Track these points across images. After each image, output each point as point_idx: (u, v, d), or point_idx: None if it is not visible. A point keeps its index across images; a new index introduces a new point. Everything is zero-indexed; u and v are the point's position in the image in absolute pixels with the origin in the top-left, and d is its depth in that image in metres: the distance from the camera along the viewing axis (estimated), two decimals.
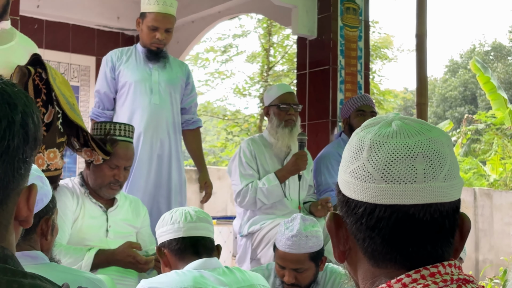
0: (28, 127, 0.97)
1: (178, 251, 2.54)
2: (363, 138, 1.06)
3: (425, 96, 4.86)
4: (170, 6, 4.17)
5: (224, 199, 8.46)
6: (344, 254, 1.09)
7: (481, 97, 29.16)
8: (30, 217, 1.01)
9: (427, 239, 1.03)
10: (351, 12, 5.44)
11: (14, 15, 3.98)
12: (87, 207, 3.36)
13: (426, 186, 1.02)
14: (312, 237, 3.07)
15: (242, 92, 14.17)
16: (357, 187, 1.04)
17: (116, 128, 3.42)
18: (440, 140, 1.05)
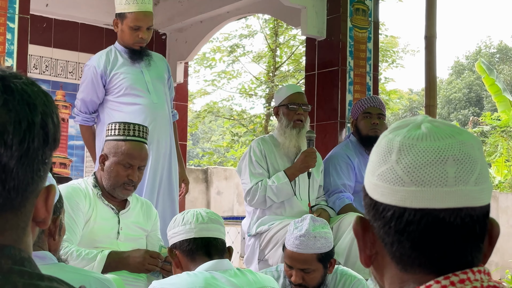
0: (48, 128, 0.96)
1: (189, 252, 2.54)
2: (391, 141, 1.04)
3: (434, 98, 4.84)
4: (148, 4, 4.14)
5: (230, 199, 8.47)
6: (370, 258, 1.08)
7: (487, 99, 29.12)
8: (48, 218, 1.00)
9: (457, 244, 1.01)
10: (361, 13, 5.43)
11: (24, 13, 3.99)
12: (99, 209, 3.33)
13: (457, 190, 1.00)
14: (320, 238, 3.07)
15: (248, 92, 14.17)
16: (386, 190, 1.02)
17: (130, 129, 3.40)
18: (470, 143, 1.03)
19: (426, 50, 4.79)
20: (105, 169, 3.36)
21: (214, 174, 8.46)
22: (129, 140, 3.37)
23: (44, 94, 0.98)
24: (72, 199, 3.22)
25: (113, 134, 3.40)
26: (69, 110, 6.35)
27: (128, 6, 4.09)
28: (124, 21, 4.12)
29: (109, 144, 3.40)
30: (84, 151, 6.39)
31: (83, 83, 4.20)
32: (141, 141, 3.42)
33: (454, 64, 34.58)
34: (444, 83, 32.80)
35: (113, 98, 4.16)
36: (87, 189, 3.36)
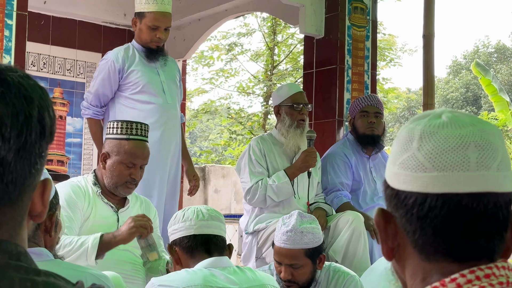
0: (45, 121, 0.96)
1: (189, 249, 2.54)
2: (412, 130, 1.04)
3: (432, 97, 4.85)
4: (167, 5, 4.18)
5: (228, 197, 8.47)
6: (392, 251, 1.07)
7: (484, 98, 29.16)
8: (44, 212, 1.00)
9: (481, 232, 1.00)
10: (359, 12, 5.43)
11: (22, 10, 3.98)
12: (98, 207, 3.33)
13: (479, 174, 0.99)
14: (307, 233, 3.07)
15: (246, 91, 14.17)
16: (407, 178, 1.02)
17: (133, 128, 3.38)
18: (492, 131, 1.03)
19: (424, 49, 4.80)
20: (107, 167, 3.34)
21: (212, 172, 8.46)
22: (132, 139, 3.36)
23: (40, 88, 0.98)
24: (70, 197, 3.22)
25: (115, 133, 3.38)
26: (67, 108, 6.35)
27: (148, 5, 4.13)
28: (143, 20, 4.15)
29: (111, 142, 3.38)
30: (81, 148, 6.38)
31: (98, 77, 4.19)
32: (144, 140, 3.41)
33: (452, 63, 34.61)
34: (442, 82, 32.83)
35: (129, 95, 4.17)
36: (87, 187, 3.35)
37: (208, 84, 14.24)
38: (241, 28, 13.56)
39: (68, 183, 3.35)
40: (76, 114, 6.38)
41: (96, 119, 4.25)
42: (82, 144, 6.39)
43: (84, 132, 6.40)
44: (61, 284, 0.93)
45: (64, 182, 3.39)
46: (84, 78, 6.46)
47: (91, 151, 6.42)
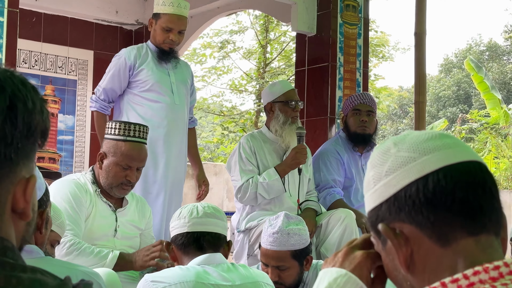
0: (17, 111, 0.93)
1: (182, 246, 2.56)
2: (382, 145, 1.11)
3: (423, 94, 4.86)
4: (184, 8, 4.24)
5: (220, 194, 8.47)
6: (407, 263, 1.07)
7: (475, 97, 29.22)
8: (27, 209, 0.98)
9: (483, 195, 1.05)
10: (351, 10, 5.44)
11: (13, 7, 3.97)
12: (98, 206, 3.32)
13: (462, 149, 1.07)
14: (294, 234, 3.06)
15: (238, 88, 14.16)
16: (400, 175, 1.06)
17: (130, 129, 3.35)
18: (450, 135, 1.13)
19: (415, 47, 4.81)
20: (104, 167, 3.34)
21: (204, 169, 8.45)
22: (129, 141, 3.33)
23: (21, 81, 0.97)
24: (76, 194, 3.23)
25: (113, 134, 3.35)
26: (59, 105, 6.33)
27: (164, 7, 4.19)
28: (158, 21, 4.21)
29: (109, 142, 3.36)
30: (73, 145, 6.37)
31: (109, 72, 4.23)
32: (141, 142, 3.37)
33: (443, 61, 34.66)
34: (434, 80, 32.88)
35: (138, 92, 4.21)
36: (86, 185, 3.34)
37: (200, 82, 14.23)
38: (233, 26, 13.55)
39: (71, 180, 3.34)
40: (68, 112, 6.36)
41: (102, 113, 4.28)
42: (74, 141, 6.38)
43: (76, 129, 6.38)
44: (47, 280, 0.92)
45: (65, 179, 3.39)
46: (76, 75, 6.45)
47: (83, 148, 6.41)
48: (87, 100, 6.43)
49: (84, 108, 6.44)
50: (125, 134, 3.33)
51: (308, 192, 4.45)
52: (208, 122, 21.61)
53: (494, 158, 15.16)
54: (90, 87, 6.45)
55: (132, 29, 6.59)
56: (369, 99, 4.65)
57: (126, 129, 3.33)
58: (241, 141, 4.37)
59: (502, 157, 14.80)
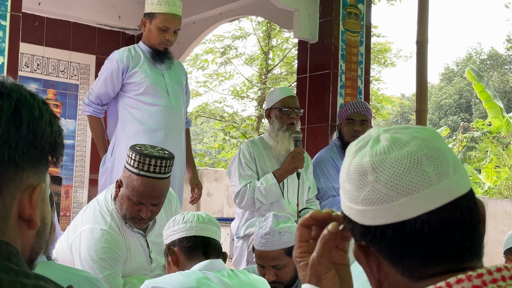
0: (22, 117, 0.97)
1: (188, 249, 2.58)
2: (360, 163, 1.04)
3: (424, 102, 4.86)
4: (178, 8, 4.19)
5: (220, 200, 8.46)
6: (380, 282, 1.06)
7: (476, 105, 29.22)
8: (34, 215, 0.99)
9: (463, 236, 1.01)
10: (353, 17, 5.45)
11: (16, 11, 3.97)
12: (132, 244, 3.15)
13: (442, 186, 1.00)
14: (285, 232, 3.10)
15: (240, 94, 14.17)
16: (377, 212, 1.01)
17: (145, 163, 3.00)
18: (433, 137, 1.04)
19: (417, 55, 4.81)
20: (118, 197, 3.10)
21: (205, 175, 8.45)
22: (142, 176, 3.00)
23: (29, 91, 1.01)
24: (112, 250, 3.04)
25: (129, 164, 3.05)
26: (60, 109, 6.34)
27: (159, 7, 4.11)
28: (153, 21, 4.13)
29: (125, 172, 3.09)
30: (74, 150, 6.37)
31: (101, 76, 4.17)
32: (156, 177, 3.02)
33: (444, 71, 34.69)
34: (435, 89, 32.89)
35: (133, 96, 4.14)
36: (118, 222, 3.11)
37: (202, 87, 14.24)
38: (235, 32, 13.57)
39: (104, 233, 3.06)
40: (69, 116, 6.37)
41: (96, 117, 4.23)
42: (75, 146, 6.38)
43: (77, 134, 6.39)
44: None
45: (96, 230, 3.06)
46: (78, 80, 6.45)
47: (83, 153, 6.41)
48: None
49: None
50: (139, 167, 3.00)
51: (308, 200, 4.45)
52: (210, 128, 21.61)
53: (495, 167, 15.15)
54: None
55: (135, 34, 6.60)
56: (364, 108, 4.64)
57: (140, 162, 3.00)
58: (241, 147, 4.37)
59: (503, 166, 14.79)
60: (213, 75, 14.02)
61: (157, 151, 3.06)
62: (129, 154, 3.04)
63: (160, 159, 3.01)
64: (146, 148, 3.06)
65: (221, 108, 14.67)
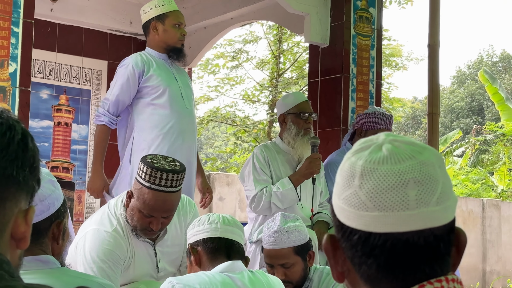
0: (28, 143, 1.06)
1: (212, 250, 2.61)
2: (354, 164, 1.06)
3: (436, 106, 4.85)
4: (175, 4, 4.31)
5: (232, 205, 8.46)
6: (343, 274, 1.09)
7: (488, 108, 29.11)
8: (27, 232, 1.04)
9: (424, 262, 1.03)
10: (364, 21, 5.44)
11: (28, 18, 4.00)
12: (136, 251, 3.13)
13: (418, 212, 1.01)
14: (293, 231, 3.12)
15: (251, 98, 14.18)
16: (351, 214, 1.04)
17: (157, 177, 2.94)
18: (431, 162, 1.04)
19: (429, 59, 4.80)
20: (129, 208, 3.06)
21: (216, 179, 8.46)
22: (153, 189, 2.95)
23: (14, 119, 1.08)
24: (114, 253, 3.02)
25: (140, 176, 3.00)
26: (73, 115, 6.36)
27: (167, 6, 4.21)
28: (166, 21, 4.19)
29: (136, 184, 3.03)
30: (86, 155, 6.39)
31: (116, 83, 4.11)
32: (167, 191, 2.97)
33: (456, 74, 34.58)
34: (447, 92, 32.80)
35: (149, 100, 4.11)
36: (124, 229, 3.10)
37: (213, 92, 14.26)
38: (246, 36, 13.58)
39: (109, 234, 3.05)
40: (81, 122, 6.40)
41: (109, 127, 4.14)
42: (88, 151, 6.40)
43: (90, 139, 6.41)
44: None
45: (102, 230, 3.06)
46: (90, 85, 6.48)
47: None
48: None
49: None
50: (150, 181, 2.94)
51: (320, 204, 4.45)
52: (221, 132, 21.64)
53: (508, 170, 15.08)
54: (104, 97, 6.48)
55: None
56: (391, 123, 4.67)
57: (152, 176, 2.94)
58: (255, 151, 4.38)
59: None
60: (225, 80, 14.05)
61: (168, 163, 3.02)
62: (141, 166, 2.99)
63: (172, 173, 2.95)
64: (157, 160, 3.01)
65: (233, 113, 14.70)
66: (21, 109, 3.91)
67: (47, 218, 1.95)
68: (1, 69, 3.86)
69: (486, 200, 11.25)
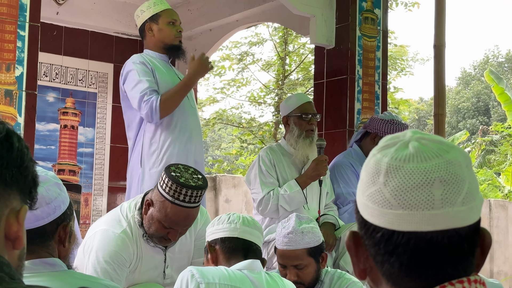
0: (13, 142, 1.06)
1: (229, 249, 2.64)
2: (379, 161, 1.04)
3: (442, 107, 4.85)
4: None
5: (239, 207, 8.46)
6: (365, 271, 1.08)
7: (494, 108, 29.05)
8: (20, 232, 1.04)
9: (447, 262, 1.02)
10: (370, 22, 5.44)
11: (34, 21, 4.01)
12: (144, 255, 3.12)
13: (443, 212, 1.00)
14: (308, 232, 3.12)
15: (257, 100, 14.19)
16: (375, 212, 1.03)
17: (181, 193, 2.94)
18: (458, 161, 1.03)
19: (435, 59, 4.80)
20: (148, 216, 3.05)
21: (223, 181, 8.46)
22: (177, 204, 2.95)
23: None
24: (119, 255, 3.01)
25: (163, 189, 2.98)
26: (79, 118, 6.38)
27: (159, 6, 4.21)
28: (160, 20, 4.18)
29: (157, 195, 3.01)
30: (93, 158, 6.40)
31: (137, 77, 4.00)
32: (190, 207, 2.98)
33: (461, 75, 34.53)
34: (452, 92, 32.75)
35: None
36: (135, 230, 3.09)
37: (219, 94, 14.27)
38: (252, 38, 13.59)
39: (117, 236, 3.04)
40: (88, 124, 6.41)
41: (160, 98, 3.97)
42: (94, 154, 6.42)
43: (96, 142, 6.42)
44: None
45: (111, 231, 3.06)
46: (96, 88, 6.49)
47: (102, 161, 6.45)
48: (107, 113, 6.47)
49: (104, 121, 6.48)
50: (174, 196, 2.94)
51: (326, 205, 4.44)
52: (228, 134, 21.66)
53: None
54: (110, 100, 6.49)
55: None
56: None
57: (176, 191, 2.93)
58: (260, 154, 4.38)
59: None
60: (231, 82, 14.06)
61: (191, 176, 3.01)
62: (164, 179, 2.98)
63: (196, 189, 2.95)
64: (181, 173, 3.00)
65: (239, 115, 14.70)
66: (27, 113, 3.92)
67: (53, 221, 1.96)
68: (8, 73, 3.87)
69: (493, 201, 11.22)
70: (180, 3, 6.32)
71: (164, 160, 4.02)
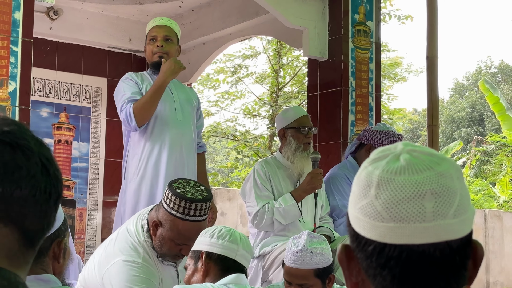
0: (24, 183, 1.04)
1: (224, 268, 2.65)
2: (371, 174, 1.04)
3: (436, 118, 4.85)
4: (168, 22, 4.34)
5: (234, 220, 8.45)
6: (357, 285, 1.08)
7: (488, 118, 29.13)
8: None
9: (439, 275, 1.01)
10: (362, 34, 5.46)
11: (27, 37, 4.01)
12: (163, 276, 3.13)
13: (435, 225, 0.99)
14: (317, 253, 3.09)
15: (251, 113, 14.20)
16: (367, 224, 1.03)
17: (191, 208, 2.99)
18: (449, 173, 1.02)
19: (427, 71, 4.80)
20: (158, 237, 3.07)
21: (218, 194, 8.46)
22: (188, 220, 3.01)
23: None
24: (150, 282, 3.02)
25: (171, 208, 3.01)
26: (73, 133, 6.37)
27: (149, 26, 4.35)
28: (147, 39, 4.31)
29: (165, 214, 3.04)
30: (87, 173, 6.39)
31: (121, 89, 4.16)
32: (200, 220, 3.04)
33: (454, 85, 34.64)
34: (448, 102, 32.84)
35: None
36: (150, 254, 3.10)
37: (214, 107, 14.29)
38: (246, 51, 13.62)
39: (139, 265, 3.03)
40: (82, 139, 6.40)
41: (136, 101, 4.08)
42: (88, 169, 6.41)
43: (90, 157, 6.41)
44: None
45: (131, 261, 3.04)
46: (90, 103, 6.49)
47: (97, 175, 6.44)
48: (101, 128, 6.47)
49: (98, 136, 6.48)
50: (184, 213, 2.99)
51: (321, 218, 4.44)
52: (222, 147, 21.65)
53: (510, 180, 15.06)
54: (104, 115, 6.49)
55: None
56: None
57: (186, 207, 2.98)
58: (255, 167, 4.38)
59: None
60: (225, 95, 14.07)
61: (195, 189, 3.04)
62: (170, 197, 3.00)
63: (204, 202, 3.00)
64: (185, 189, 3.03)
65: (233, 127, 14.71)
66: None
67: (47, 237, 1.94)
68: (1, 89, 3.87)
69: (488, 211, 11.23)
70: (173, 18, 6.33)
71: (141, 172, 4.10)
